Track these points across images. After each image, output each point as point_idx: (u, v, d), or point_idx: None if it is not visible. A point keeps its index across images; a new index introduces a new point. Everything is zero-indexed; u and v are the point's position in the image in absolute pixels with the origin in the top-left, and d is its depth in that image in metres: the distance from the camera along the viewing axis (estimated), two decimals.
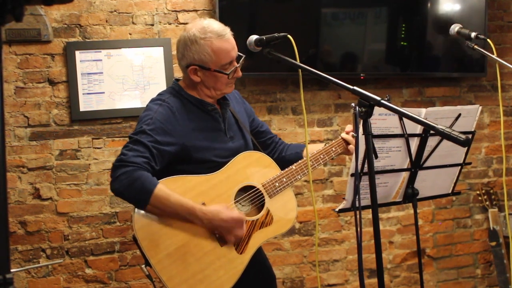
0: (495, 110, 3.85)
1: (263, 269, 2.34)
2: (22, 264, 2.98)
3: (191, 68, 2.09)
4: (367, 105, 1.64)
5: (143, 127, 2.00)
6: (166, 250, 2.00)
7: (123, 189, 1.94)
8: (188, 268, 2.02)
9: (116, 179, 1.94)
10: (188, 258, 2.02)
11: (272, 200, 2.18)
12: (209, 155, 2.11)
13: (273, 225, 2.17)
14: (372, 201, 1.67)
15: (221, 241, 2.07)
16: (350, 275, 3.54)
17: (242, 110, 2.33)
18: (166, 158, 2.04)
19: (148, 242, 1.99)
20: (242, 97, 2.41)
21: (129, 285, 3.13)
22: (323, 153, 2.26)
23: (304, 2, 3.29)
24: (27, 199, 3.00)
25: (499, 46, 3.78)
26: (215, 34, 2.06)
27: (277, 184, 2.18)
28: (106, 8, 3.10)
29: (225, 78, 2.10)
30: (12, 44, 2.97)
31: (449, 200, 3.75)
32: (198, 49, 2.06)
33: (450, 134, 1.50)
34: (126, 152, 1.97)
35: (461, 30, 2.37)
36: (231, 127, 2.22)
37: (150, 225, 2.00)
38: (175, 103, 2.10)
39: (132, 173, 1.92)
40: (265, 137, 2.41)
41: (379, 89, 3.55)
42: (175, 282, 1.99)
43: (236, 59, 2.12)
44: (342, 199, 2.48)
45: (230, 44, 2.09)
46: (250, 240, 2.12)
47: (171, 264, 2.00)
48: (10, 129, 2.98)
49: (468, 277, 3.81)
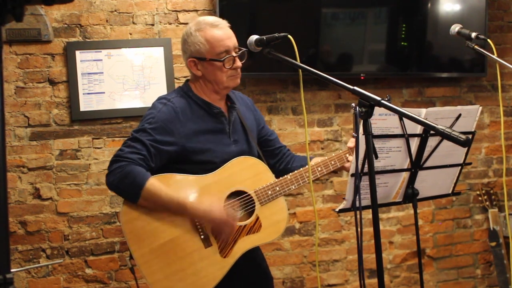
0: (495, 110, 3.85)
1: (259, 270, 2.32)
2: (22, 264, 2.98)
3: (190, 60, 2.14)
4: (367, 105, 1.64)
5: (144, 125, 2.05)
6: (150, 245, 2.04)
7: (116, 183, 1.99)
8: (170, 265, 2.04)
9: (111, 173, 2.01)
10: (171, 256, 2.05)
11: (263, 207, 2.16)
12: (209, 156, 2.11)
13: (261, 233, 2.15)
14: (372, 201, 1.67)
15: (205, 243, 2.08)
16: (350, 275, 3.54)
17: (251, 117, 2.33)
18: (165, 158, 2.06)
19: (133, 236, 2.03)
20: (254, 105, 2.41)
21: (129, 285, 3.13)
22: (320, 165, 2.23)
23: (304, 2, 3.29)
24: (27, 199, 3.00)
25: (499, 46, 3.78)
26: (208, 25, 2.11)
27: (269, 192, 2.16)
28: (106, 8, 3.11)
29: (223, 68, 2.10)
30: (12, 44, 2.97)
31: (449, 200, 3.75)
32: (193, 41, 2.11)
33: (450, 134, 1.50)
34: (123, 148, 2.03)
35: (461, 30, 2.37)
36: (236, 131, 2.22)
37: (137, 219, 2.04)
38: (180, 103, 2.12)
39: (125, 167, 1.97)
40: (273, 146, 2.40)
41: (379, 89, 3.55)
42: (156, 278, 2.02)
43: (238, 53, 2.13)
44: (342, 199, 2.48)
45: (224, 32, 2.12)
46: (236, 245, 2.11)
47: (153, 259, 2.03)
48: (10, 129, 2.98)
49: (468, 277, 3.81)
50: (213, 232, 2.08)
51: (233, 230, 2.09)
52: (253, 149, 2.27)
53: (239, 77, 2.18)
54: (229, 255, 2.10)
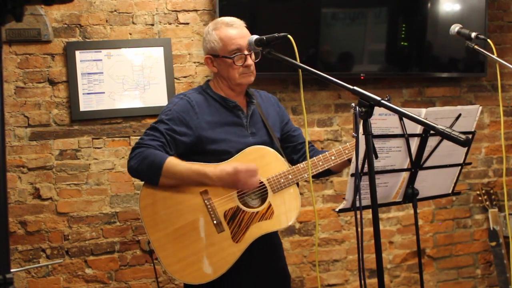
0: (495, 110, 3.85)
1: (277, 267, 2.36)
2: (22, 264, 2.98)
3: (206, 57, 2.26)
4: (367, 105, 1.64)
5: (161, 117, 2.18)
6: (165, 230, 2.12)
7: (137, 166, 2.09)
8: (183, 249, 2.12)
9: (132, 159, 2.12)
10: (184, 240, 2.12)
11: (275, 195, 2.21)
12: (224, 146, 2.19)
13: (273, 220, 2.20)
14: (372, 201, 1.67)
15: (218, 228, 2.14)
16: (350, 275, 3.54)
17: (274, 113, 2.40)
18: (181, 148, 2.17)
19: (150, 220, 2.12)
20: (279, 102, 2.50)
21: (129, 285, 3.13)
22: (334, 154, 2.27)
23: (304, 2, 3.29)
24: (27, 199, 3.00)
25: (499, 46, 3.78)
26: (224, 24, 2.23)
27: (282, 180, 2.21)
28: (106, 8, 3.11)
29: (234, 66, 2.18)
30: (12, 44, 2.97)
31: (449, 200, 3.75)
32: (209, 39, 2.23)
33: (450, 134, 1.50)
34: (143, 137, 2.15)
35: (461, 30, 2.37)
36: (254, 124, 2.29)
37: (153, 205, 2.13)
38: (197, 98, 2.23)
39: (145, 151, 2.09)
40: (296, 141, 2.45)
41: (379, 89, 3.55)
42: (170, 261, 2.11)
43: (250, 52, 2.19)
44: (342, 199, 2.48)
45: (237, 32, 2.20)
46: (248, 230, 2.16)
47: (168, 243, 2.11)
48: (10, 129, 2.98)
49: (468, 277, 3.81)
50: (238, 186, 2.14)
51: (257, 180, 2.14)
52: (272, 142, 2.32)
53: (253, 75, 2.25)
54: (241, 240, 2.15)
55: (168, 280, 3.17)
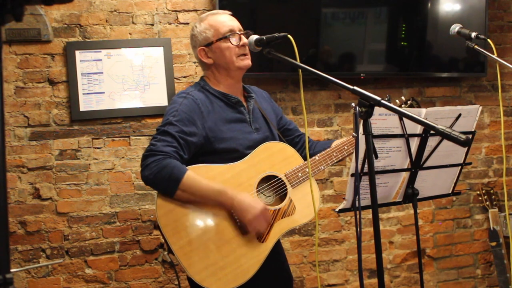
0: (495, 110, 3.84)
1: (282, 269, 2.35)
2: (22, 264, 2.98)
3: (199, 50, 2.21)
4: (367, 105, 1.64)
5: (169, 118, 2.08)
6: (188, 236, 2.02)
7: (153, 176, 1.99)
8: (209, 255, 2.03)
9: (146, 167, 2.00)
10: (209, 245, 2.04)
11: (294, 190, 2.19)
12: (232, 144, 2.15)
13: (296, 215, 2.18)
14: (372, 201, 1.67)
15: (242, 229, 2.09)
16: (350, 275, 3.54)
17: (269, 108, 2.39)
18: (192, 149, 2.09)
19: (170, 229, 2.02)
20: (270, 97, 2.48)
21: (129, 285, 3.13)
22: (346, 144, 2.27)
23: (304, 2, 3.29)
24: (27, 199, 3.00)
25: (499, 46, 3.78)
26: (210, 14, 2.24)
27: (300, 174, 2.20)
28: (106, 8, 3.10)
29: (230, 46, 2.15)
30: (12, 44, 2.97)
31: (449, 200, 3.75)
32: (199, 31, 2.20)
33: (450, 134, 1.49)
34: (155, 143, 2.04)
35: (461, 30, 2.37)
36: (256, 119, 2.27)
37: (172, 212, 2.03)
38: (200, 96, 2.17)
39: (162, 161, 1.98)
40: (293, 135, 2.45)
41: (379, 89, 3.55)
42: (196, 269, 2.01)
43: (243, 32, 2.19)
44: (342, 199, 2.48)
45: (225, 16, 2.22)
46: (272, 229, 2.14)
47: (192, 251, 2.02)
48: (10, 129, 2.98)
49: (468, 277, 3.81)
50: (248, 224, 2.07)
51: (266, 229, 2.11)
52: (275, 136, 2.31)
53: (249, 59, 2.22)
54: (266, 240, 2.12)
55: (168, 280, 3.17)
